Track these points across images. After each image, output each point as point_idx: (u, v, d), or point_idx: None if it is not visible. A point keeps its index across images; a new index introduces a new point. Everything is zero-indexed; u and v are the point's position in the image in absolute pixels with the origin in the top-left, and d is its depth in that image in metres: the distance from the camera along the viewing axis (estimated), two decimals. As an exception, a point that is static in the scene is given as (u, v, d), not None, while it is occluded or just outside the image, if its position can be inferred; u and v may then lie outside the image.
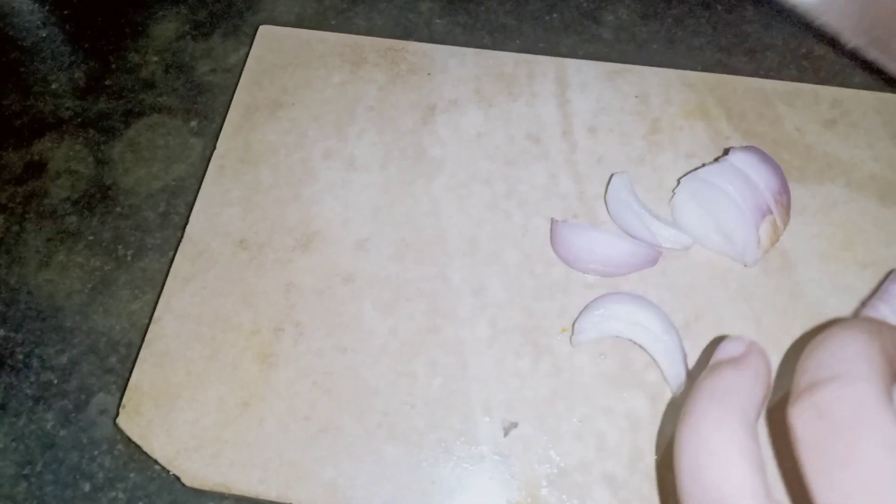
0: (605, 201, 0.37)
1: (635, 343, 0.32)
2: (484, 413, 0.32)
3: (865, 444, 0.18)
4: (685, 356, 0.32)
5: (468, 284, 0.35)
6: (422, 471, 0.31)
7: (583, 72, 0.41)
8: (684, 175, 0.35)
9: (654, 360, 0.32)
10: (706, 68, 0.42)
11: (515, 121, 0.39)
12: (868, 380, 0.20)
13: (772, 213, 0.33)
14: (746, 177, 0.33)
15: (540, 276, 0.35)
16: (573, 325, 0.33)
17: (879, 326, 0.23)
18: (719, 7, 0.45)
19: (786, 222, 0.34)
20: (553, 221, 0.35)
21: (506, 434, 0.32)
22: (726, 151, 0.34)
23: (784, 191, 0.34)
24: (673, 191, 0.35)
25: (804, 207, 0.36)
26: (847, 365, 0.20)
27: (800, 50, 0.43)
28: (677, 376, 0.31)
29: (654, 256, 0.34)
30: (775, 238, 0.34)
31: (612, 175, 0.37)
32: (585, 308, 0.33)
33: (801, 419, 0.19)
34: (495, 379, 0.33)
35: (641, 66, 0.41)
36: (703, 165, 0.34)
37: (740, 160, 0.33)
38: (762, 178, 0.33)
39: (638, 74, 0.41)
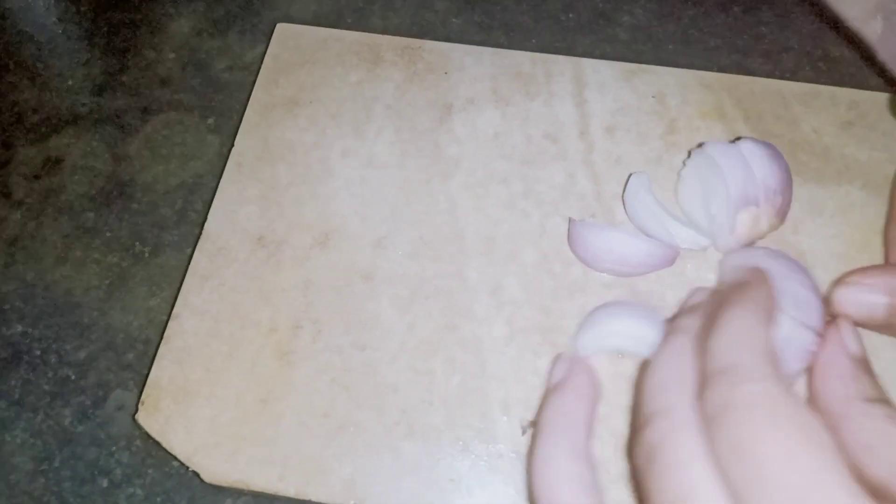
0: (623, 201, 0.37)
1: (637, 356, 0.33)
2: (502, 412, 0.32)
3: (681, 492, 0.21)
4: None
5: (486, 283, 0.35)
6: (440, 468, 0.31)
7: (600, 71, 0.41)
8: (696, 146, 0.35)
9: None
10: (722, 69, 0.42)
11: (533, 120, 0.39)
12: (676, 407, 0.23)
13: (757, 206, 0.33)
14: (746, 164, 0.33)
15: (558, 276, 0.35)
16: (573, 343, 0.33)
17: (687, 322, 0.27)
18: (735, 8, 0.45)
19: (773, 225, 0.33)
20: (571, 221, 0.36)
21: (524, 432, 0.32)
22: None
23: (781, 193, 0.33)
24: (683, 162, 0.36)
25: (822, 209, 0.36)
26: (664, 397, 0.23)
27: (816, 52, 0.43)
28: None
29: (671, 256, 0.34)
30: (755, 233, 0.33)
31: (630, 175, 0.37)
32: (582, 326, 0.33)
33: (638, 460, 0.22)
34: (513, 377, 0.33)
35: (658, 67, 0.41)
36: (717, 143, 0.34)
37: (748, 149, 0.33)
38: (762, 171, 0.33)
39: (655, 74, 0.41)
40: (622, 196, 0.37)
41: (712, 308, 0.27)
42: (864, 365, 0.29)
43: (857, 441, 0.27)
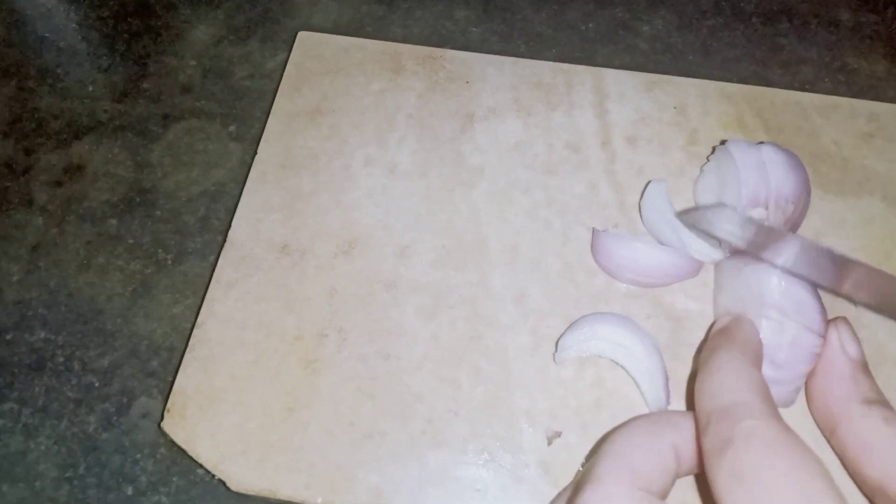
0: (640, 208, 0.37)
1: (616, 363, 0.33)
2: (527, 422, 0.32)
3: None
4: (667, 378, 0.32)
5: (509, 292, 0.35)
6: (465, 477, 0.31)
7: (621, 82, 0.41)
8: (720, 143, 0.35)
9: (634, 380, 0.32)
10: (741, 80, 0.42)
11: (554, 130, 0.40)
12: (760, 413, 0.23)
13: (765, 210, 0.33)
14: (763, 167, 0.33)
15: (581, 285, 0.35)
16: (556, 342, 0.33)
17: (741, 346, 0.28)
18: (754, 19, 0.45)
19: None
20: (594, 231, 0.36)
21: (549, 443, 0.32)
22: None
23: (794, 203, 0.33)
24: (707, 157, 0.36)
25: (842, 221, 0.37)
26: (729, 395, 0.25)
27: (834, 63, 0.43)
28: (657, 399, 0.31)
29: (695, 267, 0.34)
30: None
31: (648, 182, 0.37)
32: (570, 326, 0.33)
33: (723, 484, 0.22)
34: (538, 387, 0.33)
35: (679, 78, 0.41)
36: (739, 141, 0.34)
37: (769, 153, 0.33)
38: (778, 177, 0.33)
39: (676, 85, 0.41)
40: (639, 203, 0.37)
41: (705, 354, 0.28)
42: (862, 367, 0.29)
43: (856, 441, 0.27)
